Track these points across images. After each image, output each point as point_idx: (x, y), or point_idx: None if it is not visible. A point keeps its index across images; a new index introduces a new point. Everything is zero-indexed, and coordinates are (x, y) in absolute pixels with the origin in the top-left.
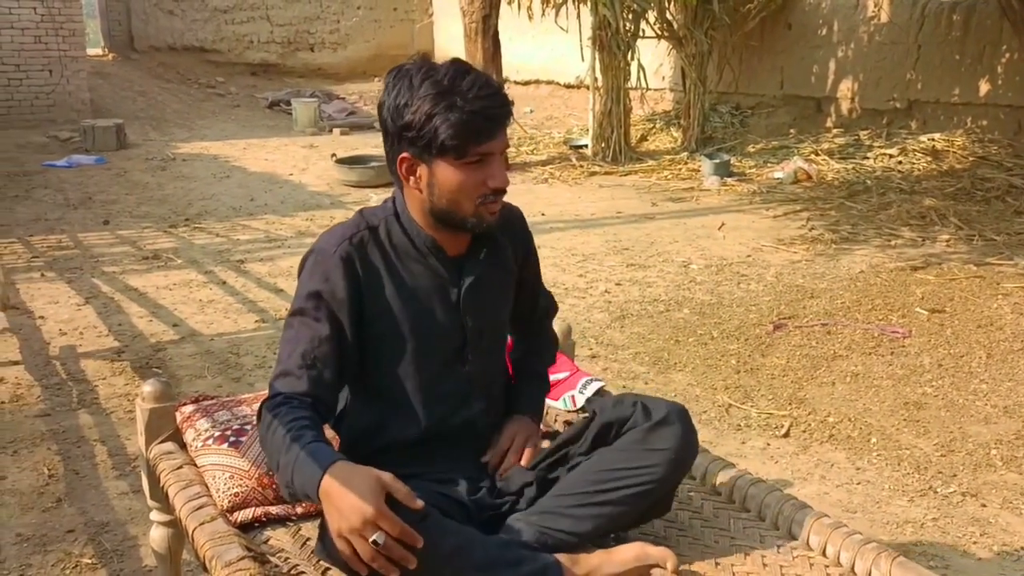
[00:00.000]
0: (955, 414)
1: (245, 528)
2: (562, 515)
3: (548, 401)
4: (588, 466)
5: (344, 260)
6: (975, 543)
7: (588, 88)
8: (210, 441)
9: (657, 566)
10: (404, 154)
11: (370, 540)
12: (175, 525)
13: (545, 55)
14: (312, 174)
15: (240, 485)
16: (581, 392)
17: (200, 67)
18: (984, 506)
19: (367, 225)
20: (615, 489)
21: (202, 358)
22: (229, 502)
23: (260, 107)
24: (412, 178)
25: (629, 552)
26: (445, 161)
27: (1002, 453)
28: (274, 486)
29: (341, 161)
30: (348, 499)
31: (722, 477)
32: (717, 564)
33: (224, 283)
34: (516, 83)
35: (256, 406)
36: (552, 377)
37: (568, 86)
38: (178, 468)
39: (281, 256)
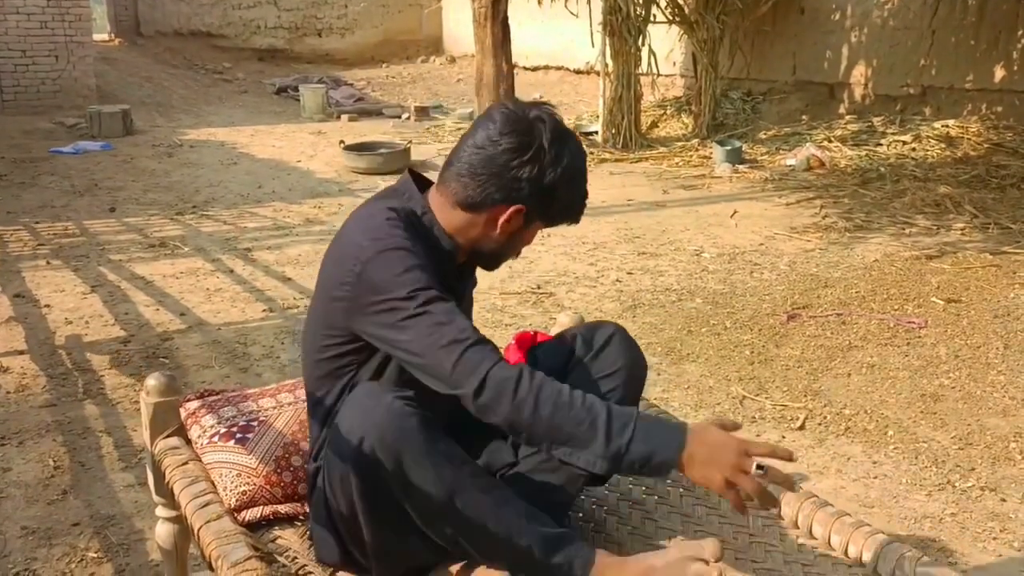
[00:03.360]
0: (972, 406)
1: (252, 527)
2: (549, 471)
3: None
4: None
5: (416, 247)
6: (995, 539)
7: (598, 74)
8: (216, 438)
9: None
10: (520, 207)
11: (753, 471)
12: (181, 521)
13: (555, 40)
14: (320, 161)
15: (248, 483)
16: None
17: (207, 52)
18: (1004, 501)
19: (405, 214)
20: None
21: (209, 348)
22: (236, 500)
23: (267, 93)
24: (501, 221)
25: (675, 547)
26: (539, 224)
27: (1021, 446)
28: (282, 484)
29: (349, 148)
30: (717, 448)
31: None
32: (737, 560)
33: (231, 271)
34: (525, 69)
35: (262, 401)
36: None
37: (578, 72)
38: (183, 464)
39: (289, 244)
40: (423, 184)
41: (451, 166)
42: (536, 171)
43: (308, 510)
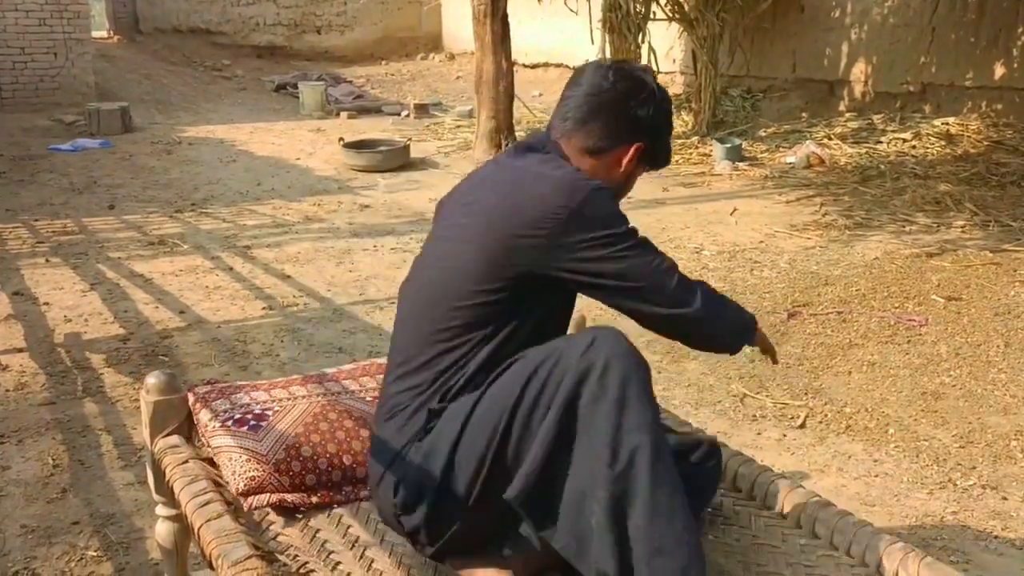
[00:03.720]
0: (973, 404)
1: (255, 525)
2: None
3: None
4: None
5: None
6: (996, 537)
7: None
8: (229, 423)
9: None
10: (640, 144)
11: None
12: (181, 520)
13: (554, 38)
14: (319, 158)
15: (257, 469)
16: None
17: (206, 49)
18: (1005, 499)
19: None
20: None
21: (209, 346)
22: (245, 485)
23: (266, 90)
24: (625, 160)
25: None
26: (644, 167)
27: (1022, 444)
28: (291, 473)
29: (348, 145)
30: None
31: (743, 473)
32: (739, 562)
33: (231, 269)
34: (525, 66)
35: (275, 392)
36: None
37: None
38: (183, 463)
39: (288, 242)
40: None
41: (566, 120)
42: (652, 110)
43: (313, 500)
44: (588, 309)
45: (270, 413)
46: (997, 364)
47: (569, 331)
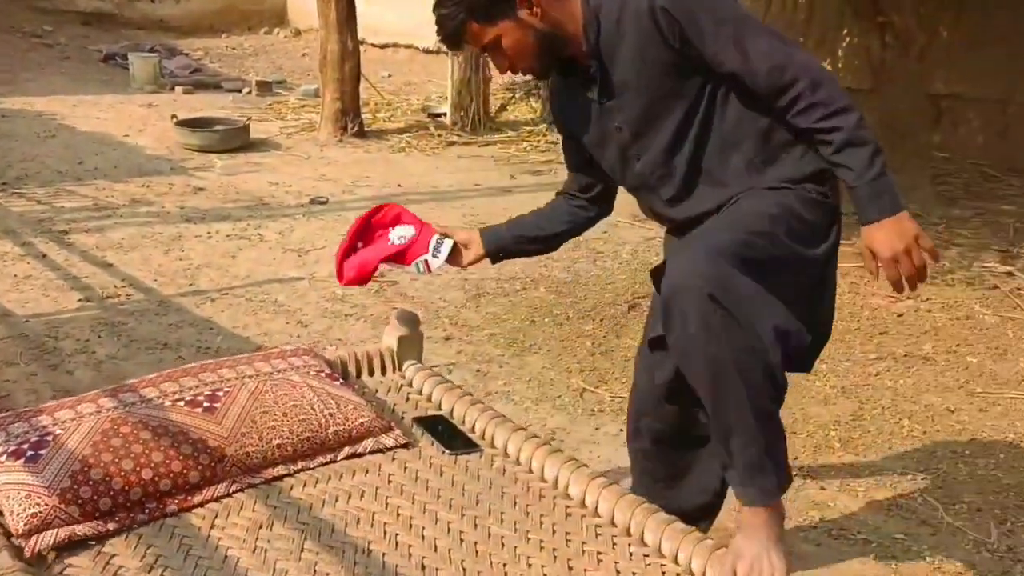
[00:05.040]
0: (796, 395)
1: (43, 557)
2: None
3: (402, 268)
4: None
5: None
6: (815, 527)
7: (447, 54)
8: (3, 458)
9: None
10: None
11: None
12: None
13: (404, 18)
14: (150, 136)
15: (38, 504)
16: (435, 256)
17: (23, 14)
18: (823, 488)
19: None
20: None
21: (15, 342)
22: (25, 525)
23: (93, 60)
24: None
25: None
26: None
27: (840, 435)
28: (80, 501)
29: (182, 123)
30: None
31: (574, 480)
32: (570, 569)
33: (44, 256)
34: (373, 46)
35: (60, 414)
36: (395, 237)
37: (427, 51)
38: None
39: (112, 226)
40: None
41: None
42: None
43: (110, 528)
44: (430, 301)
45: (50, 439)
46: (820, 356)
47: None
